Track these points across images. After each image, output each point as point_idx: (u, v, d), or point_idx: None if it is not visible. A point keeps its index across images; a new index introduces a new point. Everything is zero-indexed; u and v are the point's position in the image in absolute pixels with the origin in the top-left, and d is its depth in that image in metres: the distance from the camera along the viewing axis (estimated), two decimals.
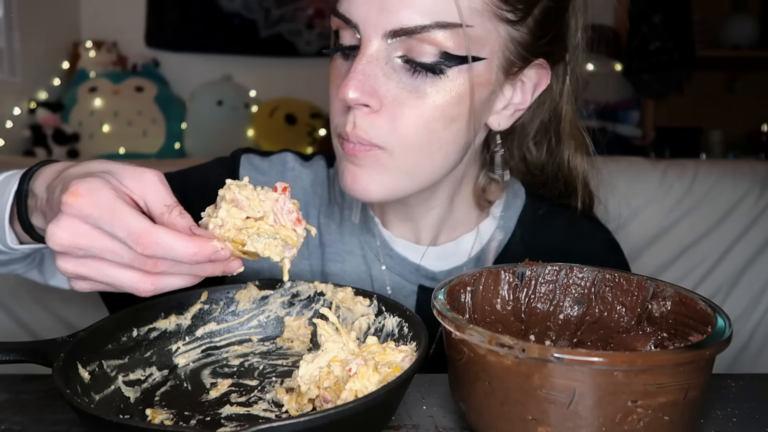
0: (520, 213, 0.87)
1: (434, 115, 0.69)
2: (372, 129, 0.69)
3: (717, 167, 1.48)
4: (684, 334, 0.58)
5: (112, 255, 0.53)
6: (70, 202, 0.53)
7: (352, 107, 0.70)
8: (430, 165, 0.73)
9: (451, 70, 0.68)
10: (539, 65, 0.76)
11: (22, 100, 2.72)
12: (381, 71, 0.69)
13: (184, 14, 3.04)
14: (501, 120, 0.77)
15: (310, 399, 0.57)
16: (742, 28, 3.18)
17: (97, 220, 0.53)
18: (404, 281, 0.85)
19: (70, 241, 0.53)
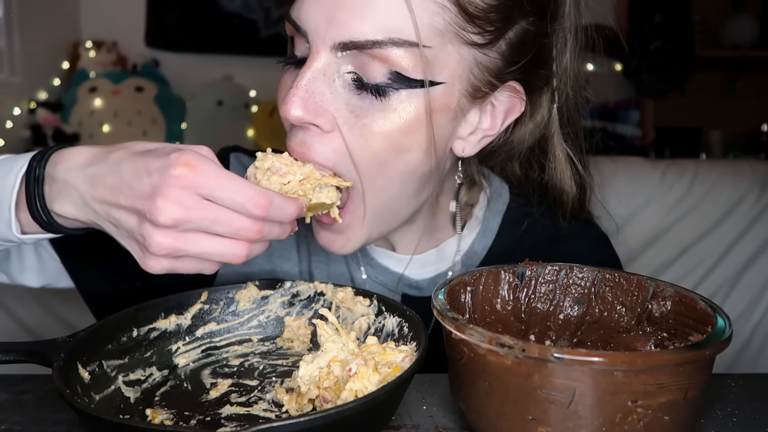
0: (503, 213, 0.84)
1: (381, 145, 0.64)
2: (329, 152, 0.65)
3: (717, 167, 1.48)
4: (684, 334, 0.58)
5: (220, 225, 0.54)
6: (183, 175, 0.53)
7: (297, 126, 0.66)
8: (392, 198, 0.69)
9: (399, 94, 0.63)
10: (511, 88, 0.70)
11: (22, 100, 2.72)
12: (328, 88, 0.64)
13: (184, 14, 3.04)
14: (466, 146, 0.71)
15: (310, 399, 0.57)
16: (742, 28, 3.18)
17: (211, 189, 0.53)
18: (387, 290, 0.83)
19: (184, 214, 0.53)
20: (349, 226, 0.70)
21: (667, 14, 2.81)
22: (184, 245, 0.55)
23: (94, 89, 2.78)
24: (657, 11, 2.80)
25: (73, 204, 0.60)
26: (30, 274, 0.82)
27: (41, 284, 0.84)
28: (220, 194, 0.54)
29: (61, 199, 0.60)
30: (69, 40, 3.00)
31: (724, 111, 3.31)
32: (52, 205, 0.61)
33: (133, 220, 0.56)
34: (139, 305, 0.67)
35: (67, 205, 0.60)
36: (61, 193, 0.60)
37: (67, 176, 0.60)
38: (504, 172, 0.87)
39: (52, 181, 0.61)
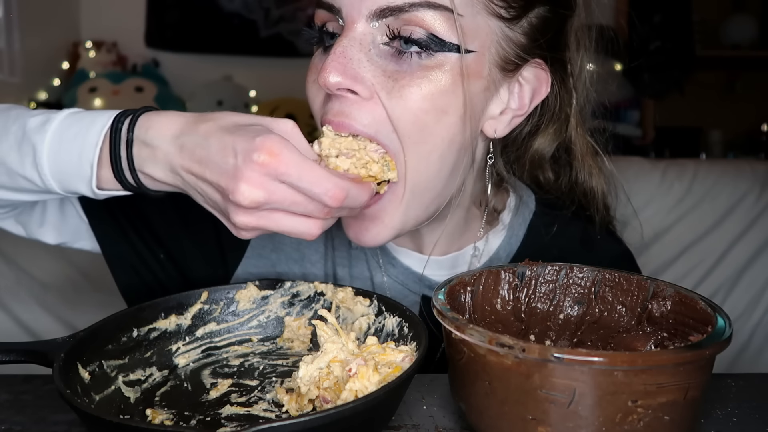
0: (529, 222, 0.85)
1: (422, 105, 0.65)
2: (369, 120, 0.66)
3: (717, 167, 1.48)
4: (684, 334, 0.58)
5: (296, 206, 0.58)
6: (266, 162, 0.55)
7: (334, 96, 0.66)
8: (430, 173, 0.69)
9: (436, 56, 0.65)
10: (538, 66, 0.73)
11: (22, 100, 2.72)
12: (365, 56, 0.65)
13: (184, 14, 3.04)
14: (498, 126, 0.73)
15: (310, 399, 0.57)
16: (742, 28, 3.18)
17: (291, 177, 0.56)
18: (407, 290, 0.83)
19: (266, 198, 0.56)
20: (385, 210, 0.69)
21: (667, 14, 2.81)
22: (264, 223, 0.59)
23: (94, 89, 2.78)
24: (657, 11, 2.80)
25: (162, 169, 0.62)
26: (49, 229, 0.82)
27: (58, 241, 0.84)
28: (299, 184, 0.57)
29: (152, 163, 0.63)
30: (69, 40, 3.00)
31: (724, 111, 3.31)
32: (143, 168, 0.63)
33: (217, 196, 0.59)
34: (138, 305, 0.67)
35: (158, 170, 0.63)
36: (152, 158, 0.62)
37: (159, 143, 0.62)
38: (535, 179, 0.88)
39: (142, 145, 0.63)
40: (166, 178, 0.63)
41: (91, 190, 0.65)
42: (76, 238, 0.84)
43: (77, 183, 0.65)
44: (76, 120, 0.65)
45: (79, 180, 0.65)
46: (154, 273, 0.83)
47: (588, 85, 0.82)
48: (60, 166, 0.64)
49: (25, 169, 0.66)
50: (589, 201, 0.86)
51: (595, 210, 0.86)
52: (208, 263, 0.84)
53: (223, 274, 0.84)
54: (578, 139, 0.83)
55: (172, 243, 0.83)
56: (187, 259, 0.83)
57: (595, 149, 0.85)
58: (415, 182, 0.69)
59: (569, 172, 0.85)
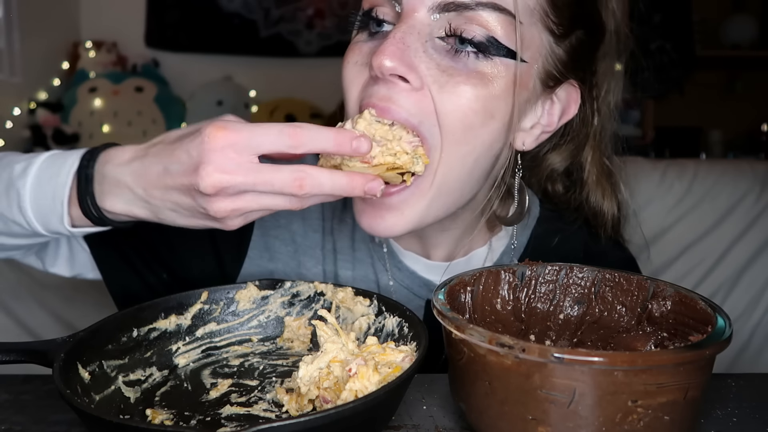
0: (533, 228, 0.85)
1: (473, 106, 0.64)
2: (416, 109, 0.64)
3: (717, 167, 1.48)
4: (684, 333, 0.58)
5: (264, 186, 0.56)
6: (216, 136, 0.55)
7: (382, 81, 0.64)
8: (462, 174, 0.68)
9: (493, 59, 0.64)
10: (572, 86, 0.73)
11: (22, 100, 2.72)
12: (421, 47, 0.64)
13: (184, 14, 3.04)
14: (527, 139, 0.73)
15: (310, 399, 0.57)
16: (742, 28, 3.19)
17: (242, 140, 0.55)
18: (412, 295, 0.83)
19: (227, 179, 0.55)
20: (407, 202, 0.68)
21: (667, 14, 2.81)
22: (243, 205, 0.58)
23: (94, 89, 2.78)
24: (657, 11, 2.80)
25: (124, 200, 0.63)
26: (62, 264, 0.84)
27: (72, 274, 0.86)
28: (252, 142, 0.56)
29: (112, 196, 0.63)
30: (69, 40, 3.00)
31: (724, 111, 3.31)
32: (103, 203, 0.64)
33: (187, 198, 0.59)
34: (139, 305, 0.67)
35: (118, 202, 0.63)
36: (112, 191, 0.63)
37: (116, 174, 0.62)
38: (543, 189, 0.88)
39: (103, 179, 0.63)
40: (129, 209, 0.63)
41: (66, 229, 0.67)
42: (87, 270, 0.86)
43: (54, 223, 0.67)
44: (52, 162, 0.67)
45: (54, 218, 0.67)
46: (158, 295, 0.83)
47: (611, 108, 0.82)
48: (40, 208, 0.67)
49: (12, 213, 0.68)
50: (598, 221, 0.86)
51: (603, 230, 0.86)
52: (207, 276, 0.84)
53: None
54: (594, 160, 0.83)
55: (172, 262, 0.84)
56: (188, 274, 0.84)
57: (610, 172, 0.84)
58: (445, 180, 0.68)
59: (580, 190, 0.85)
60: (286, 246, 0.86)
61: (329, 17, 3.04)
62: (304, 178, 0.57)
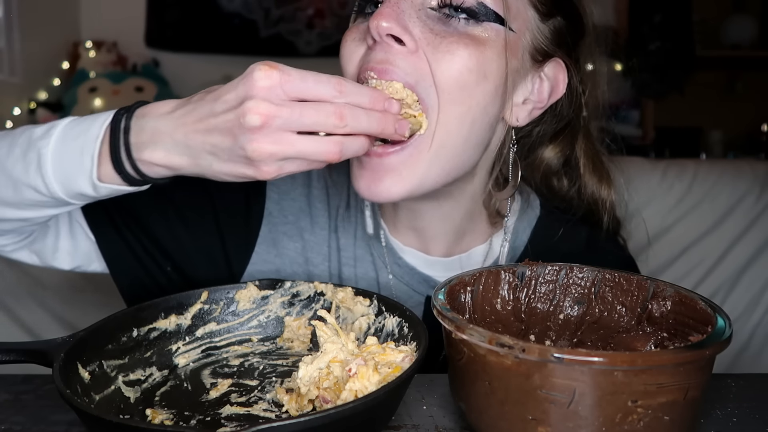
0: (533, 226, 0.86)
1: (467, 64, 0.68)
2: (411, 69, 0.67)
3: (717, 167, 1.48)
4: (684, 334, 0.58)
5: (307, 116, 0.57)
6: (265, 74, 0.56)
7: (380, 42, 0.68)
8: (459, 137, 0.70)
9: (483, 23, 0.68)
10: (558, 64, 0.76)
11: (22, 100, 2.72)
12: (415, 13, 0.68)
13: (184, 14, 3.04)
14: (520, 114, 0.76)
15: (310, 399, 0.57)
16: (742, 28, 3.18)
17: (293, 79, 0.57)
18: (412, 291, 0.83)
19: (272, 110, 0.56)
20: (405, 163, 0.69)
21: (667, 14, 2.81)
22: (281, 147, 0.57)
23: (94, 89, 2.78)
24: (657, 11, 2.80)
25: (165, 148, 0.62)
26: (63, 255, 0.83)
27: (72, 266, 0.85)
28: (304, 84, 0.57)
29: (152, 145, 0.62)
30: (69, 40, 3.00)
31: (724, 111, 3.31)
32: (141, 154, 0.63)
33: (228, 138, 0.58)
34: (138, 305, 0.67)
35: (159, 151, 0.62)
36: (152, 140, 0.62)
37: (156, 123, 0.62)
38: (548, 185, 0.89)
39: (141, 131, 0.63)
40: (170, 158, 0.62)
41: (92, 185, 0.65)
42: (89, 261, 0.85)
43: (79, 180, 0.65)
44: (79, 122, 0.67)
45: (80, 175, 0.65)
46: (161, 286, 0.83)
47: (599, 103, 0.85)
48: (63, 166, 0.65)
49: (29, 176, 0.66)
50: (599, 210, 0.87)
51: (604, 220, 0.87)
52: (213, 272, 0.84)
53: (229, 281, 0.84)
54: (586, 150, 0.85)
55: (178, 255, 0.84)
56: (194, 269, 0.84)
57: (602, 160, 0.87)
58: (443, 141, 0.69)
59: (577, 180, 0.87)
60: (294, 242, 0.86)
61: (329, 17, 3.04)
62: (346, 109, 0.58)
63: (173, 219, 0.84)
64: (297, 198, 0.87)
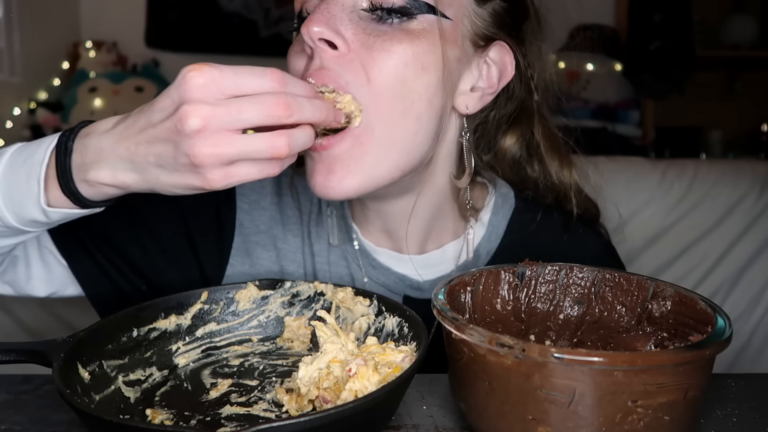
0: (509, 218, 0.85)
1: (404, 59, 0.67)
2: (344, 71, 0.67)
3: (717, 167, 1.48)
4: (684, 334, 0.58)
5: (246, 112, 0.55)
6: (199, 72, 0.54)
7: (315, 49, 0.67)
8: (403, 131, 0.69)
9: (416, 18, 0.68)
10: (503, 47, 0.76)
11: (22, 100, 2.72)
12: (346, 16, 0.68)
13: (184, 14, 3.04)
14: (469, 102, 0.75)
15: (310, 399, 0.57)
16: (742, 28, 3.18)
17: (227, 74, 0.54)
18: (388, 291, 0.83)
19: (209, 111, 0.54)
20: (350, 154, 0.68)
21: (667, 14, 2.81)
22: (224, 149, 0.55)
23: (94, 89, 2.78)
24: (657, 11, 2.79)
25: (110, 166, 0.60)
26: (37, 282, 0.82)
27: (48, 293, 0.84)
28: (232, 78, 0.55)
29: (97, 165, 0.61)
30: (69, 40, 3.00)
31: (724, 111, 3.31)
32: (87, 174, 0.61)
33: (170, 147, 0.56)
34: (139, 305, 0.67)
35: (104, 170, 0.61)
36: (96, 159, 0.61)
37: (99, 141, 0.61)
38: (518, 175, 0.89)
39: (85, 150, 0.62)
40: (116, 176, 0.60)
41: (42, 211, 0.64)
42: (64, 286, 0.84)
43: (29, 206, 0.64)
44: (26, 147, 0.66)
45: (29, 202, 0.64)
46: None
47: (549, 81, 0.85)
48: (11, 193, 0.64)
49: None
50: (567, 193, 0.88)
51: (574, 204, 0.87)
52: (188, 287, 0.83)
53: None
54: (544, 132, 0.85)
55: (152, 274, 0.83)
56: (169, 286, 0.82)
57: (560, 141, 0.87)
58: (389, 136, 0.69)
59: (540, 163, 0.87)
60: (267, 251, 0.86)
61: None
62: (289, 98, 0.56)
63: (145, 238, 0.84)
64: (268, 207, 0.87)
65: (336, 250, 0.85)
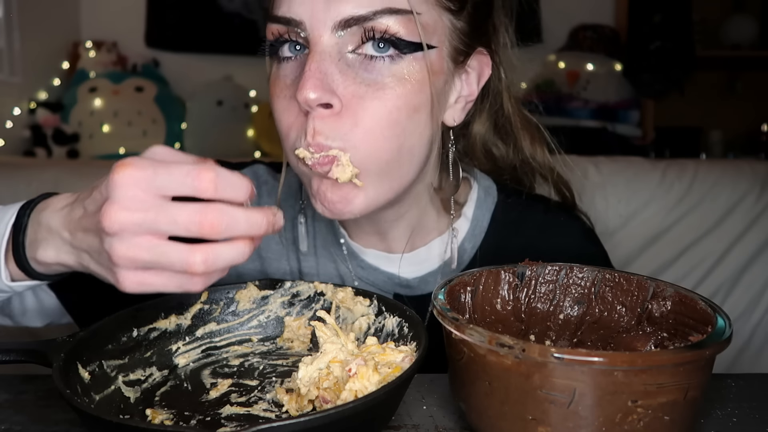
0: (492, 211, 0.86)
1: (397, 104, 0.67)
2: (333, 132, 0.66)
3: (717, 167, 1.48)
4: (684, 334, 0.58)
5: (167, 224, 0.51)
6: (122, 172, 0.51)
7: (311, 111, 0.66)
8: (397, 165, 0.70)
9: (404, 58, 0.67)
10: (480, 53, 0.76)
11: (22, 100, 2.73)
12: (336, 68, 0.66)
13: (184, 14, 3.04)
14: (455, 114, 0.76)
15: (310, 400, 0.57)
16: (742, 28, 3.18)
17: (151, 181, 0.51)
18: (378, 290, 0.82)
19: (122, 216, 0.51)
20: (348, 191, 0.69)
21: (667, 14, 2.81)
22: (138, 253, 0.52)
23: (94, 89, 2.79)
24: (657, 11, 2.80)
25: (54, 247, 0.60)
26: (32, 315, 0.82)
27: (45, 323, 0.84)
28: (155, 179, 0.51)
29: (45, 244, 0.60)
30: (69, 40, 3.01)
31: (724, 111, 3.31)
32: (35, 253, 0.61)
33: (96, 240, 0.54)
34: (139, 305, 0.67)
35: (49, 249, 0.60)
36: (44, 238, 0.60)
37: (49, 221, 0.60)
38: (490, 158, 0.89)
39: (37, 227, 0.61)
40: (59, 257, 0.60)
41: (5, 284, 0.64)
42: (60, 315, 0.84)
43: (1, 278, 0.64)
44: None
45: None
46: None
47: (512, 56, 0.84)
48: None
49: None
50: (543, 174, 0.89)
51: (551, 184, 0.89)
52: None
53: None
54: (515, 110, 0.86)
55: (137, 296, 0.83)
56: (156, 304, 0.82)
57: (529, 120, 0.87)
58: (381, 172, 0.69)
59: (513, 141, 0.88)
60: (252, 263, 0.86)
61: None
62: (218, 213, 0.51)
63: None
64: None
65: (323, 252, 0.85)
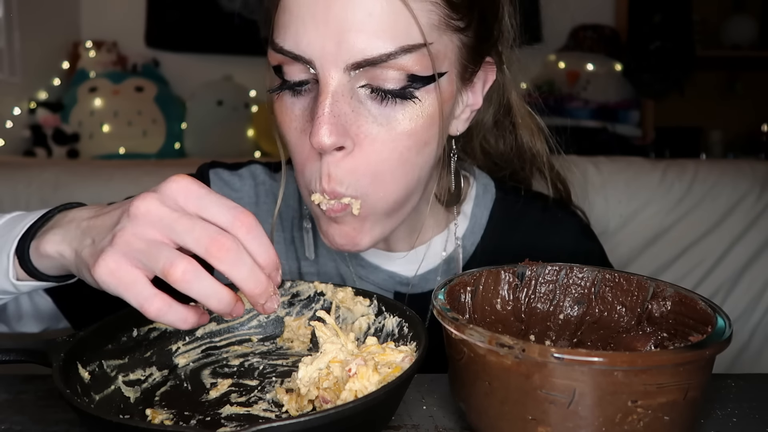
0: (491, 209, 0.86)
1: (407, 144, 0.66)
2: (346, 177, 0.65)
3: (717, 167, 1.48)
4: (684, 334, 0.58)
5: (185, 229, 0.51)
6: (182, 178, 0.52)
7: (325, 155, 0.65)
8: (405, 195, 0.70)
9: (420, 92, 0.65)
10: (487, 63, 0.75)
11: (22, 100, 2.73)
12: (349, 107, 0.64)
13: (184, 14, 3.04)
14: (459, 125, 0.75)
15: (310, 400, 0.57)
16: (742, 28, 3.19)
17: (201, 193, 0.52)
18: (379, 289, 0.83)
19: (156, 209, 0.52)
20: (356, 227, 0.69)
21: (667, 14, 2.81)
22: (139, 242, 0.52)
23: (94, 89, 2.78)
24: (657, 11, 2.80)
25: (62, 234, 0.59)
26: (28, 321, 0.82)
27: (41, 328, 0.84)
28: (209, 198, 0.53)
29: (54, 231, 0.60)
30: (69, 40, 3.01)
31: (724, 111, 3.31)
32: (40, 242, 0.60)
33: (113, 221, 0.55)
34: None
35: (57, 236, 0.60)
36: (58, 227, 0.60)
37: (75, 214, 0.60)
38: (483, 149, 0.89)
39: (59, 220, 0.61)
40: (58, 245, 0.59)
41: (11, 283, 0.64)
42: (56, 320, 0.84)
43: (2, 279, 0.64)
44: (12, 219, 0.65)
45: (2, 275, 0.64)
46: None
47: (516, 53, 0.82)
48: None
49: None
50: (539, 164, 0.88)
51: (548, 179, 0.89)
52: None
53: None
54: (518, 102, 0.85)
55: None
56: None
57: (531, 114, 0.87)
58: (392, 205, 0.69)
59: (512, 131, 0.87)
60: None
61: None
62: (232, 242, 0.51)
63: None
64: None
65: (323, 252, 0.85)
